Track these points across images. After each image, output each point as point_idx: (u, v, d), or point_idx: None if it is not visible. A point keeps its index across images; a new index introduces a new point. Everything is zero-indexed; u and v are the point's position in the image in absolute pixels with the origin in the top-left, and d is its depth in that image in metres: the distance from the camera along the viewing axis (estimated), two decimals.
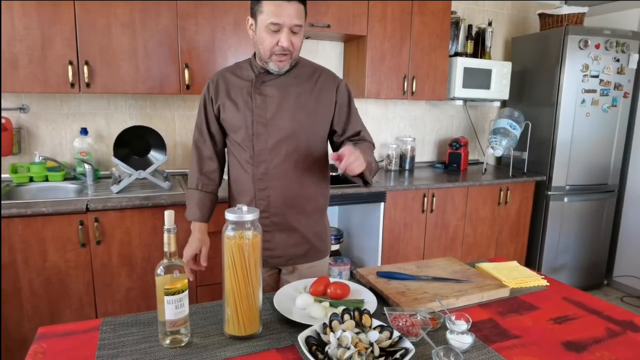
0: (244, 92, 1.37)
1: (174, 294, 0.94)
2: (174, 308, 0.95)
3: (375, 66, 2.64)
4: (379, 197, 2.49)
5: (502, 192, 2.85)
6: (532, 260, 3.15)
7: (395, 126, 3.20)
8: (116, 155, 2.14)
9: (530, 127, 3.05)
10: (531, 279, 1.39)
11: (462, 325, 1.06)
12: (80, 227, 1.89)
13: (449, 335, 1.00)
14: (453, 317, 1.08)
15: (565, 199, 3.04)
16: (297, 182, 1.41)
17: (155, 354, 0.94)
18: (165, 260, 0.96)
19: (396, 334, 0.96)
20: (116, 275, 2.00)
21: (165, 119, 2.57)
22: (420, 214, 2.64)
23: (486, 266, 1.48)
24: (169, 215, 0.94)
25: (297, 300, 1.15)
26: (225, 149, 1.52)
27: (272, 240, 1.44)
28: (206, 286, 2.17)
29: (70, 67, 2.02)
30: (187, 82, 2.22)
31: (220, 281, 2.18)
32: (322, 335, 0.95)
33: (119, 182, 2.12)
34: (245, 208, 1.00)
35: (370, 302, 1.16)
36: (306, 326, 1.00)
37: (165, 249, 0.95)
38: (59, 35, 2.00)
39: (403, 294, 1.23)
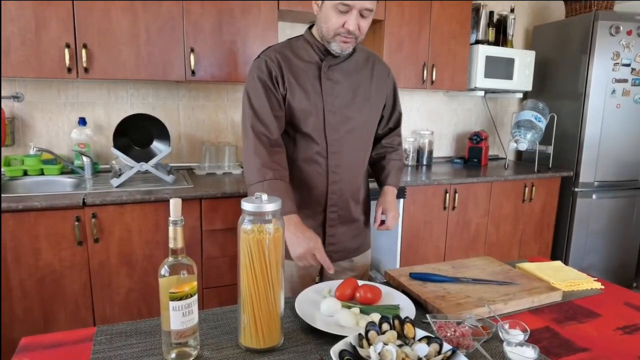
0: (309, 75, 1.26)
1: (180, 299, 0.78)
2: (180, 316, 0.79)
3: (393, 53, 2.48)
4: (398, 193, 2.30)
5: (526, 188, 2.68)
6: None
7: (412, 119, 3.03)
8: (116, 145, 1.98)
9: (555, 120, 2.87)
10: (583, 281, 1.24)
11: (519, 335, 0.90)
12: (76, 223, 1.74)
13: (507, 348, 0.84)
14: (507, 326, 0.92)
15: (594, 196, 2.86)
16: (360, 173, 1.38)
17: None
18: (170, 259, 0.80)
19: (447, 346, 0.79)
20: (115, 276, 1.84)
21: (169, 109, 2.41)
22: (441, 211, 2.47)
23: (528, 266, 1.33)
24: (175, 204, 0.78)
25: (322, 305, 0.99)
26: None
27: (335, 235, 1.36)
28: (212, 288, 2.01)
29: (67, 51, 1.87)
30: (192, 68, 2.06)
31: (228, 283, 2.04)
32: (359, 349, 0.79)
33: (119, 175, 1.97)
34: (265, 197, 0.84)
35: (407, 308, 1.01)
36: (334, 337, 0.85)
37: (171, 244, 0.79)
38: (54, 17, 1.85)
39: (443, 299, 1.07)
